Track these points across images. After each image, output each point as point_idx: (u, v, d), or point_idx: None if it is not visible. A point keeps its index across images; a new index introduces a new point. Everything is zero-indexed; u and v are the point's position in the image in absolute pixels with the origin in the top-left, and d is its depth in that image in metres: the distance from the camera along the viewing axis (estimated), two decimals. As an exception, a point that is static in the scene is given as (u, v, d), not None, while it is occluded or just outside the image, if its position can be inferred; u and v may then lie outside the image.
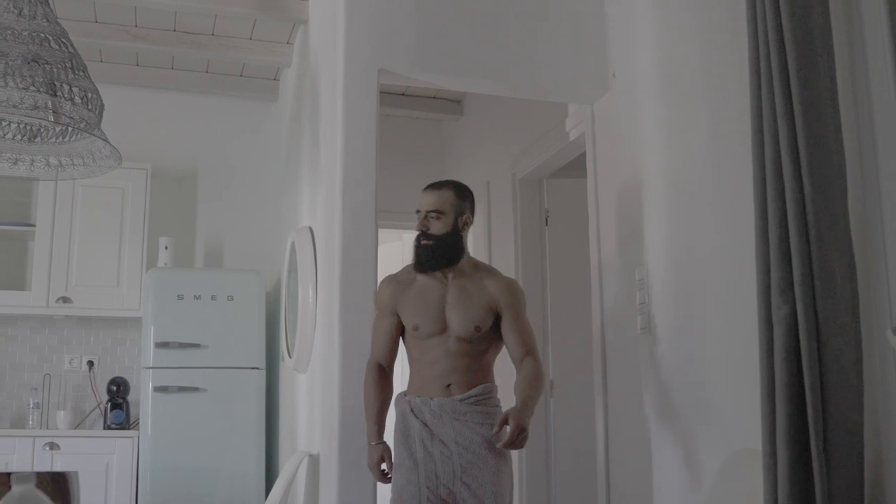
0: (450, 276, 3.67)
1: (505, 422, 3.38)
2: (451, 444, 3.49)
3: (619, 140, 4.36)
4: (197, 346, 5.60)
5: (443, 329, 3.60)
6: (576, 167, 5.27)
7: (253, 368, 5.67)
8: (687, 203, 3.74)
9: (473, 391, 3.55)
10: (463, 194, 3.76)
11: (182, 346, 5.58)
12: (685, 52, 3.82)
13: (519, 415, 3.37)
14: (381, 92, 4.34)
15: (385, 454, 3.58)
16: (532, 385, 3.53)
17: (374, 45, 4.30)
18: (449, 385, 3.56)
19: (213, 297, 5.69)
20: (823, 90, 2.72)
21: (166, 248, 6.13)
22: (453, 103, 6.95)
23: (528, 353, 3.62)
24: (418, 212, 3.71)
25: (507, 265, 5.90)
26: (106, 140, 3.91)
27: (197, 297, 5.67)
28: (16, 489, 1.61)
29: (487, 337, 3.63)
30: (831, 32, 2.78)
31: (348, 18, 4.31)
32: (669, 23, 3.97)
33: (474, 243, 6.77)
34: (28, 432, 5.62)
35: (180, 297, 5.66)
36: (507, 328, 3.64)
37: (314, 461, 4.50)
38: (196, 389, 5.55)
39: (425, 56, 4.37)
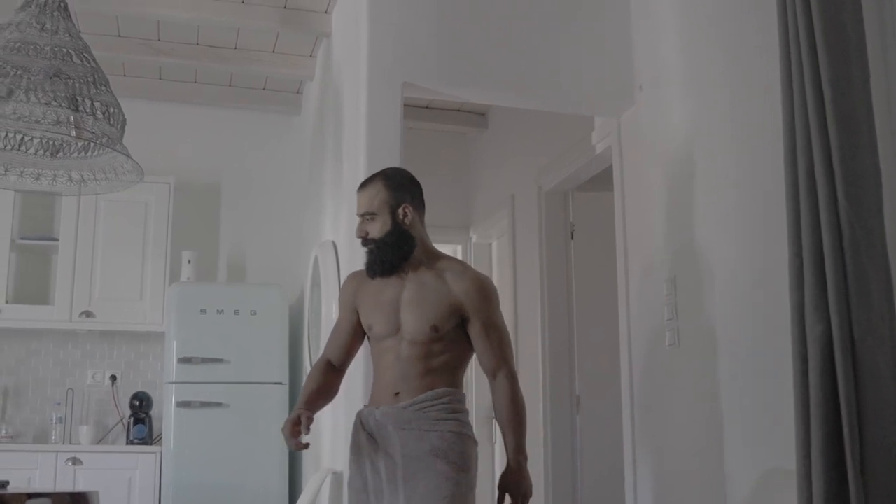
0: (409, 273, 3.25)
1: (503, 495, 3.16)
2: (397, 456, 3.09)
3: (646, 153, 4.30)
4: (220, 360, 5.57)
5: (396, 330, 3.20)
6: (602, 180, 5.21)
7: (276, 384, 5.63)
8: (716, 217, 3.68)
9: (420, 396, 3.12)
10: (396, 183, 3.27)
11: (205, 360, 5.55)
12: (713, 63, 3.76)
13: (515, 479, 3.15)
14: (404, 105, 4.30)
15: (305, 416, 3.08)
16: (514, 420, 3.20)
17: (398, 57, 4.26)
18: (398, 393, 3.15)
19: (236, 312, 5.66)
20: (857, 100, 2.66)
21: (189, 262, 6.11)
22: (478, 116, 6.90)
23: (499, 365, 3.20)
24: None
25: (531, 279, 5.85)
26: (128, 155, 3.89)
27: (220, 312, 5.64)
28: (32, 514, 1.56)
29: (450, 339, 3.19)
30: (865, 40, 2.72)
31: (372, 31, 4.28)
32: (696, 34, 3.91)
33: (499, 256, 6.73)
34: (51, 447, 5.61)
35: (203, 312, 5.63)
36: (475, 335, 3.20)
37: (337, 479, 4.44)
38: (219, 405, 5.51)
39: (450, 69, 4.32)
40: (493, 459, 6.66)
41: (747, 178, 3.48)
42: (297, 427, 3.08)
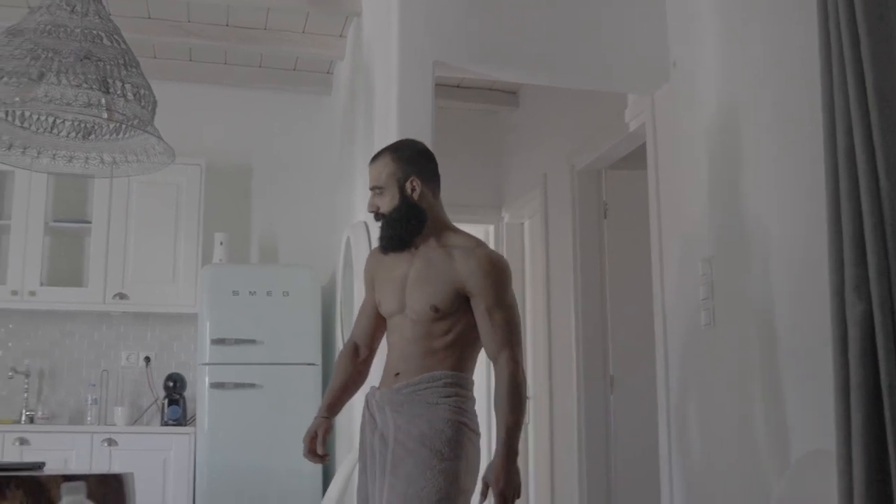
0: (420, 249, 3.12)
1: (486, 490, 2.95)
2: (390, 440, 2.98)
3: (680, 130, 4.24)
4: (252, 342, 5.58)
5: (402, 308, 3.08)
6: (635, 158, 5.16)
7: (309, 364, 5.64)
8: (753, 195, 3.62)
9: (415, 378, 3.00)
10: (403, 156, 3.13)
11: (238, 342, 5.56)
12: (749, 38, 3.70)
13: (496, 474, 2.90)
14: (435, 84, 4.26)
15: (322, 429, 3.11)
16: (506, 410, 2.97)
17: (429, 36, 4.22)
18: (398, 373, 3.04)
19: (269, 293, 5.67)
20: (900, 77, 2.59)
21: (221, 243, 6.12)
22: (509, 94, 6.85)
23: (500, 349, 3.01)
24: None
25: (564, 259, 5.81)
26: (159, 137, 3.88)
27: (252, 293, 5.65)
28: (66, 501, 1.55)
29: (456, 319, 3.04)
30: (907, 16, 2.65)
31: (402, 10, 4.23)
32: (732, 7, 3.84)
33: (531, 236, 6.69)
34: (86, 428, 5.65)
35: (235, 293, 5.64)
36: (478, 316, 3.02)
37: (371, 459, 4.44)
38: (252, 386, 5.52)
39: (481, 47, 4.28)
40: (526, 441, 6.64)
41: (786, 155, 3.42)
42: (314, 442, 3.10)
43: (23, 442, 5.44)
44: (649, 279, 4.50)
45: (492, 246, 6.92)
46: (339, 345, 5.29)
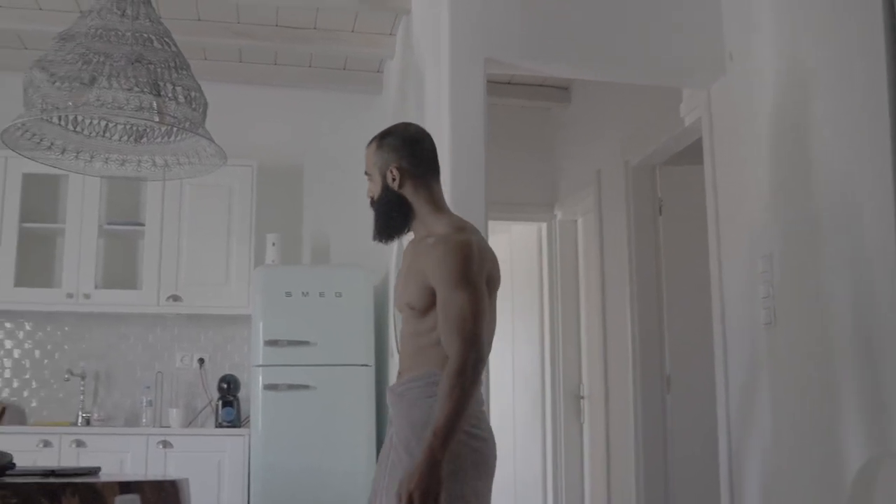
0: (414, 240, 3.00)
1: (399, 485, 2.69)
2: (393, 438, 2.85)
3: (737, 124, 4.15)
4: (306, 343, 5.56)
5: (399, 305, 2.96)
6: (691, 153, 5.08)
7: (362, 366, 5.60)
8: (816, 190, 3.53)
9: (405, 377, 2.86)
10: (386, 143, 2.99)
11: (291, 343, 5.54)
12: (809, 29, 3.60)
13: (408, 478, 2.61)
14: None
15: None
16: (441, 412, 2.64)
17: (480, 33, 4.18)
18: (400, 372, 2.92)
19: (321, 294, 5.64)
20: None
21: (273, 244, 6.11)
22: (560, 90, 6.78)
23: (451, 344, 2.71)
24: None
25: (619, 256, 5.74)
26: (210, 139, 3.87)
27: (305, 294, 5.63)
28: (120, 512, 1.53)
29: (436, 316, 2.79)
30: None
31: (453, 7, 4.19)
32: (791, -1, 3.75)
33: (585, 233, 6.62)
34: (141, 430, 5.67)
35: (288, 294, 5.63)
36: (438, 309, 2.77)
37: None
38: (306, 387, 5.50)
39: (533, 43, 4.22)
40: (581, 441, 6.59)
41: (849, 149, 3.33)
42: None
43: (79, 444, 5.47)
44: (706, 277, 4.41)
45: (544, 244, 6.91)
46: (393, 346, 5.26)
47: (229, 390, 5.94)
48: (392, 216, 2.96)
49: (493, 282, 2.88)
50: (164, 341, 6.27)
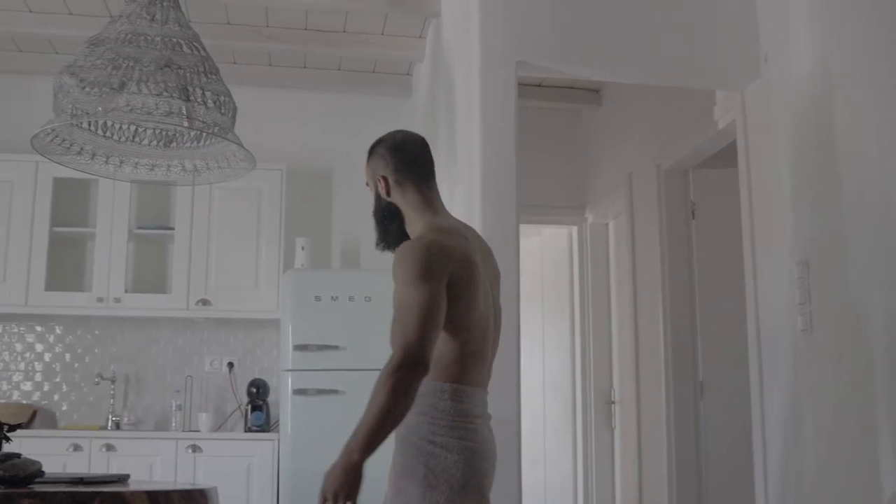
0: None
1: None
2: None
3: (773, 127, 4.08)
4: (335, 347, 5.54)
5: None
6: (724, 157, 5.01)
7: (392, 370, 5.56)
8: (853, 194, 3.46)
9: None
10: (375, 152, 2.96)
11: (320, 347, 5.52)
12: (846, 31, 3.53)
13: (327, 474, 2.61)
14: (517, 84, 4.17)
15: None
16: (366, 411, 2.60)
17: (512, 36, 4.13)
18: None
19: (351, 298, 5.62)
20: None
21: (303, 248, 6.09)
22: (591, 93, 6.72)
23: (397, 337, 2.63)
24: None
25: (651, 260, 5.68)
26: (240, 144, 3.86)
27: (334, 299, 5.61)
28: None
29: None
30: None
31: (483, 10, 4.15)
32: (829, -1, 3.68)
33: (616, 237, 6.56)
34: (171, 434, 5.66)
35: (318, 299, 5.60)
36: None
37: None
38: (335, 392, 5.48)
39: (565, 46, 4.18)
40: (612, 447, 6.53)
41: (888, 151, 3.26)
42: None
43: (109, 448, 5.47)
44: (740, 282, 4.35)
45: (575, 247, 6.86)
46: (422, 350, 5.22)
47: (258, 395, 5.93)
48: (386, 224, 2.93)
49: (463, 281, 2.69)
50: (194, 345, 6.27)
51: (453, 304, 2.64)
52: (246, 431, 5.85)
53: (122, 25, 3.73)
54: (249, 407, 5.91)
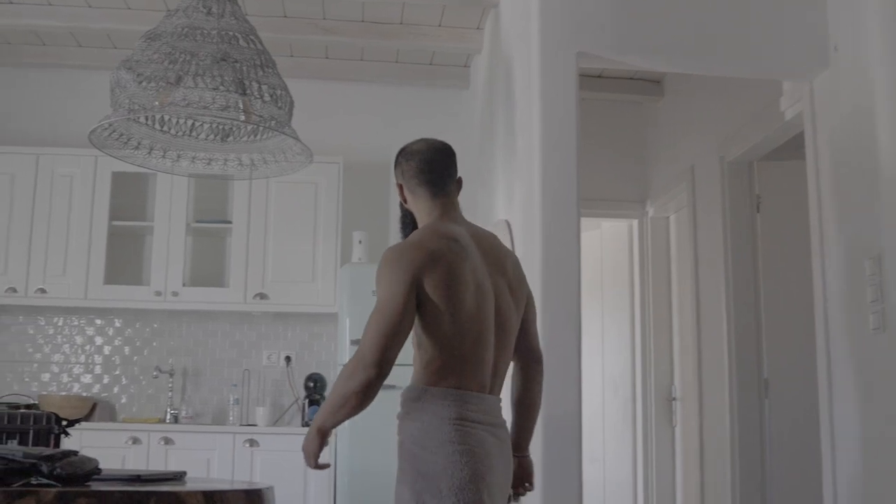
0: None
1: None
2: None
3: (843, 119, 3.96)
4: (392, 342, 5.48)
5: None
6: (789, 149, 4.89)
7: (448, 365, 5.52)
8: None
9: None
10: (396, 161, 3.07)
11: (377, 342, 5.47)
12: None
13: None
14: (577, 76, 4.09)
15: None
16: (331, 391, 2.77)
17: (572, 26, 4.05)
18: None
19: (407, 293, 5.56)
20: None
21: (360, 242, 6.06)
22: (653, 84, 6.60)
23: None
24: None
25: (714, 255, 5.56)
26: (296, 138, 3.82)
27: (391, 293, 5.56)
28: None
29: (417, 330, 2.80)
30: None
31: (543, 0, 4.07)
32: (903, -14, 3.55)
33: (677, 231, 6.44)
34: (228, 429, 5.67)
35: (374, 293, 5.54)
36: None
37: (515, 466, 4.30)
38: (392, 387, 5.39)
39: (626, 36, 4.08)
40: (672, 445, 6.43)
41: (966, 145, 3.13)
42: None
43: (167, 441, 5.49)
44: (808, 278, 4.23)
45: (635, 241, 6.75)
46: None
47: (315, 389, 5.91)
48: (404, 230, 3.06)
49: (442, 283, 2.70)
50: (251, 339, 6.27)
51: (432, 307, 2.70)
52: (303, 426, 5.83)
53: (178, 19, 3.71)
54: (307, 401, 5.89)
